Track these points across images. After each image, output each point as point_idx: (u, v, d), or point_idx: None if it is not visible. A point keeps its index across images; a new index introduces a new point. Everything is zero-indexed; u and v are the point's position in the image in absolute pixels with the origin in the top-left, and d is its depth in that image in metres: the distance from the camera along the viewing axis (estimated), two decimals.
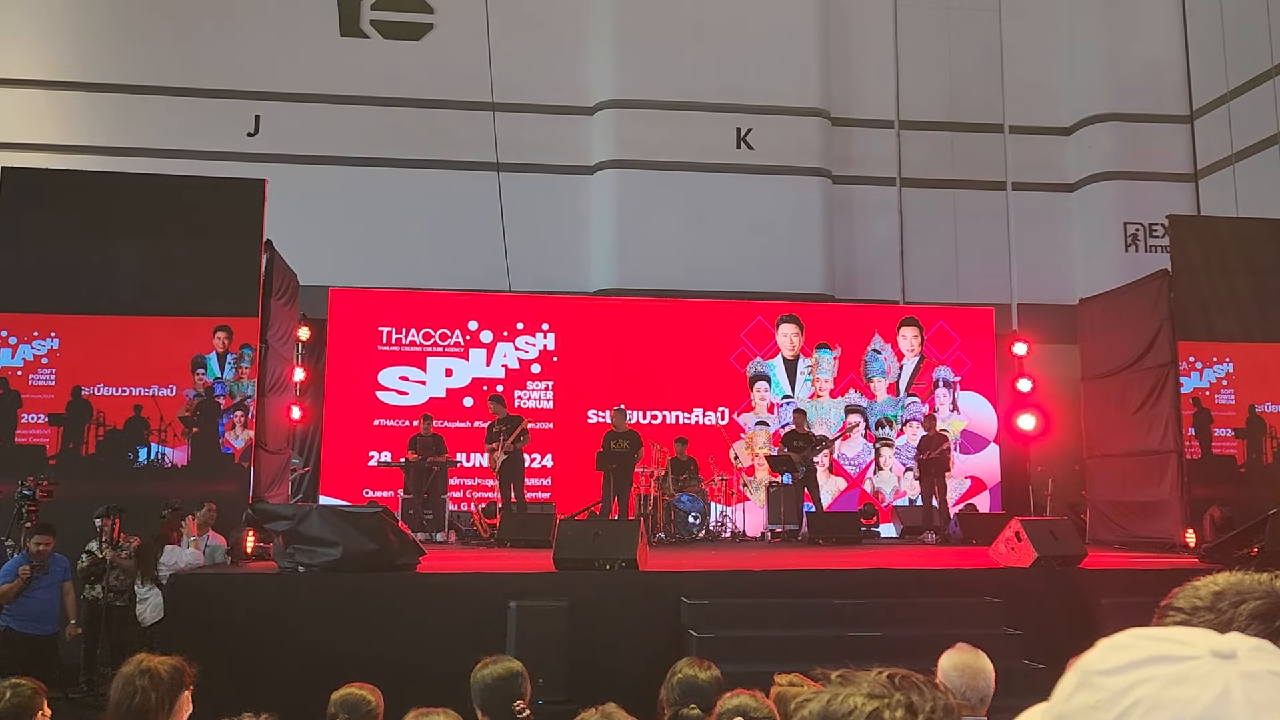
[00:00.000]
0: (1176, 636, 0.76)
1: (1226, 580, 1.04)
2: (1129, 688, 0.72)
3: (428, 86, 15.43)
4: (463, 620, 7.16)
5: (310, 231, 13.42)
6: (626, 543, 7.78)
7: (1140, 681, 0.72)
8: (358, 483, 13.10)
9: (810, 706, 0.92)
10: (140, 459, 9.70)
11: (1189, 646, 0.74)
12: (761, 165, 15.64)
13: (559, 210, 15.46)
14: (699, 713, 3.15)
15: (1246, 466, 10.94)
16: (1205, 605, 1.01)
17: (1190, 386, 10.93)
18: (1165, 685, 0.71)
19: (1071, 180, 16.53)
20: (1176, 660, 0.73)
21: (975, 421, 14.25)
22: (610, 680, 4.07)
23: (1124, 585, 7.85)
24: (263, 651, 6.95)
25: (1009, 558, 8.38)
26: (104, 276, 9.86)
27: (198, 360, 9.88)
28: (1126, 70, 16.31)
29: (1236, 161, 14.95)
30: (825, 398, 14.19)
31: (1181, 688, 0.71)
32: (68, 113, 14.96)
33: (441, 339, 13.75)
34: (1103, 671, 0.75)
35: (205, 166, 13.01)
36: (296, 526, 7.61)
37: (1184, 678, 0.71)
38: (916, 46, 16.30)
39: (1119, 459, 11.81)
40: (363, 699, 3.27)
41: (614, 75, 15.68)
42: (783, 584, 7.79)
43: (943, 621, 7.13)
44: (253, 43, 15.35)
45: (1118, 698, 0.72)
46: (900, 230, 16.03)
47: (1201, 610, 1.00)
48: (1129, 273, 13.43)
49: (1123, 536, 11.37)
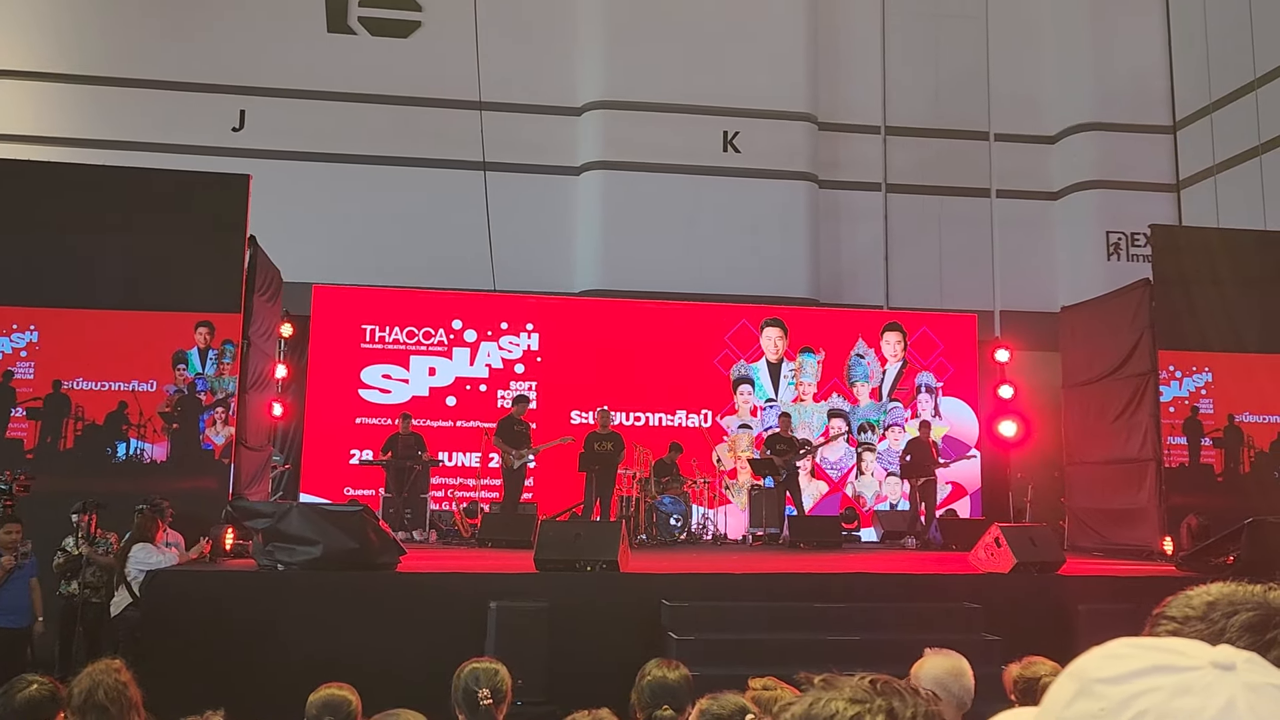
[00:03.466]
0: (1174, 647, 0.76)
1: (1220, 591, 1.04)
2: (1133, 697, 0.72)
3: (415, 84, 15.38)
4: (443, 620, 7.14)
5: (294, 228, 13.35)
6: (608, 544, 7.77)
7: (1144, 691, 0.72)
8: (339, 481, 13.04)
9: (793, 710, 0.92)
10: (119, 454, 9.62)
11: (1188, 657, 0.74)
12: (748, 169, 15.67)
13: (545, 210, 15.43)
14: (671, 713, 3.16)
15: (1224, 475, 11.03)
16: (1197, 615, 1.01)
17: (1170, 395, 11.02)
18: (1171, 695, 0.71)
19: (1055, 189, 16.64)
20: (1178, 670, 0.73)
21: (957, 427, 14.32)
22: (590, 682, 4.06)
23: (1102, 592, 7.91)
24: (240, 650, 6.91)
25: (988, 563, 8.43)
26: (85, 270, 9.77)
27: (179, 356, 9.80)
28: (1111, 80, 16.43)
29: (1219, 172, 15.09)
30: (808, 401, 14.23)
31: (1187, 698, 0.71)
32: (50, 105, 14.83)
33: (425, 338, 13.71)
34: (1104, 680, 0.74)
35: (189, 161, 12.92)
36: (276, 524, 7.57)
37: (1188, 688, 0.71)
38: (904, 53, 16.38)
39: (1098, 466, 11.89)
40: (343, 699, 3.26)
41: (602, 76, 15.68)
42: (763, 587, 7.81)
43: (922, 626, 7.16)
44: (239, 37, 15.26)
45: (1122, 707, 0.72)
46: (885, 235, 16.09)
47: (1193, 620, 1.00)
48: (1111, 281, 13.52)
49: (1101, 544, 11.44)
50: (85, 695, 3.00)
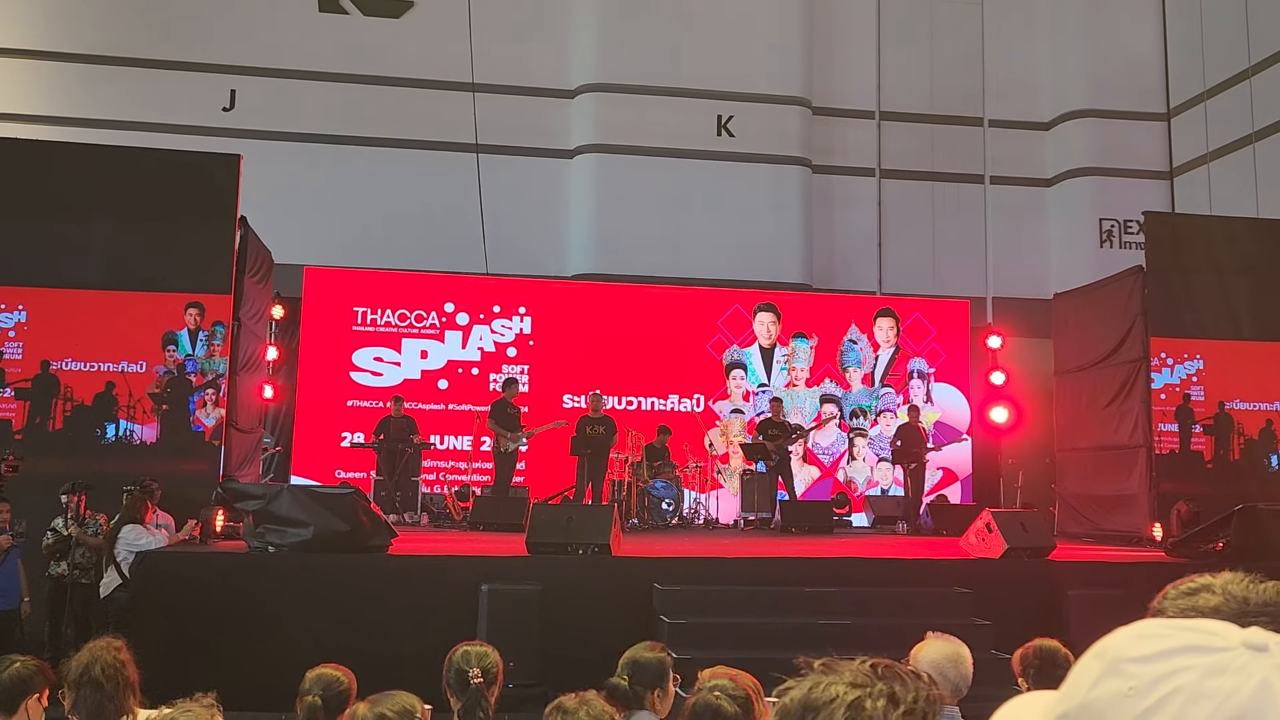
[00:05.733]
0: (1206, 627, 0.75)
1: (1225, 587, 1.03)
2: (1165, 676, 0.71)
3: (407, 65, 15.27)
4: (434, 603, 7.14)
5: (285, 209, 13.28)
6: (600, 528, 7.77)
7: (1176, 670, 0.71)
8: (330, 463, 13.02)
9: (792, 694, 0.91)
10: (108, 435, 9.57)
11: (1221, 637, 0.73)
12: (742, 153, 15.62)
13: (538, 193, 15.37)
14: (624, 682, 3.22)
15: (1214, 462, 11.07)
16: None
17: (1161, 382, 11.04)
18: (1204, 675, 0.70)
19: (1049, 175, 16.64)
20: (1211, 651, 0.71)
21: (948, 413, 14.35)
22: (581, 665, 4.05)
23: (1092, 578, 7.94)
24: (231, 631, 6.90)
25: (979, 549, 8.45)
26: (75, 250, 9.69)
27: (169, 337, 9.74)
28: (1106, 67, 16.41)
29: (1212, 160, 15.09)
30: (801, 387, 14.23)
31: (1221, 678, 0.69)
32: (40, 84, 14.69)
33: (417, 320, 13.67)
34: (1134, 659, 0.73)
35: (179, 140, 12.84)
36: (267, 506, 7.55)
37: (1223, 668, 0.70)
38: (898, 38, 16.32)
39: (1089, 453, 11.92)
40: (337, 678, 3.25)
41: (595, 59, 15.59)
42: (755, 572, 7.82)
43: (913, 611, 7.18)
44: (229, 15, 15.12)
45: (1153, 686, 0.71)
46: (879, 221, 16.07)
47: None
48: (1104, 268, 13.53)
49: (1091, 530, 11.48)
50: (82, 669, 3.02)
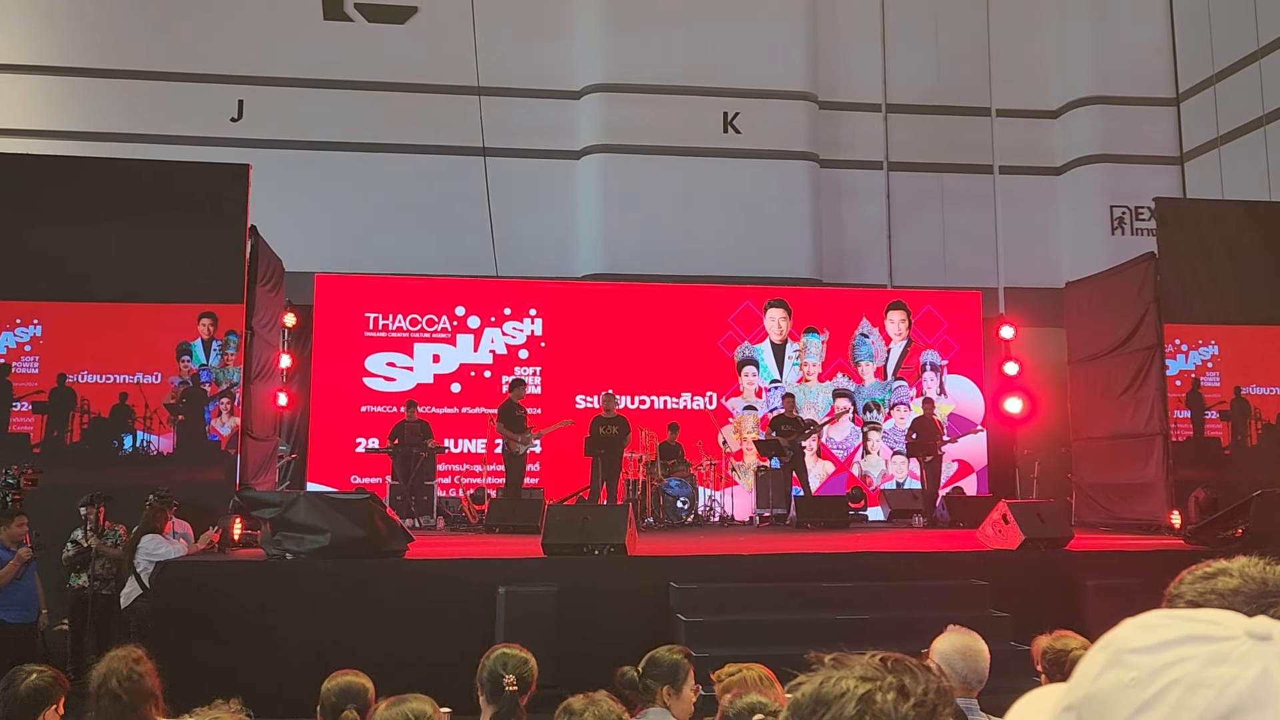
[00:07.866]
0: (1209, 617, 0.75)
1: (1241, 571, 1.03)
2: (1165, 666, 0.71)
3: (413, 70, 15.31)
4: (452, 606, 7.16)
5: (295, 217, 13.33)
6: (615, 528, 7.78)
7: (1177, 660, 0.71)
8: (345, 469, 13.06)
9: (804, 689, 0.92)
10: (125, 447, 9.63)
11: (1223, 627, 0.73)
12: (749, 149, 15.60)
13: (546, 195, 15.39)
14: (635, 673, 3.31)
15: (1231, 448, 11.00)
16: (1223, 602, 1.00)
17: (1176, 369, 10.99)
18: (1204, 664, 0.70)
19: (1058, 163, 16.56)
20: (1213, 640, 0.72)
21: (962, 405, 14.30)
22: (599, 666, 4.06)
23: (1110, 567, 7.91)
24: (250, 639, 6.93)
25: (996, 540, 8.42)
26: (87, 263, 9.76)
27: (183, 347, 9.80)
28: (1113, 54, 16.32)
29: (1222, 144, 14.99)
30: (813, 382, 14.21)
31: (1221, 667, 0.69)
32: (48, 98, 14.80)
33: (429, 325, 13.71)
34: (1136, 650, 0.73)
35: (188, 152, 12.89)
36: (284, 513, 7.58)
37: (1223, 657, 0.70)
38: (903, 29, 16.27)
39: (1105, 441, 11.87)
40: (360, 686, 3.27)
41: (601, 59, 15.60)
42: (771, 568, 7.81)
43: (930, 604, 7.17)
44: (235, 26, 15.19)
45: (1154, 676, 0.71)
46: (888, 214, 16.03)
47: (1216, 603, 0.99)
48: (1115, 256, 13.46)
49: (1108, 519, 11.43)
50: (100, 682, 3.04)
